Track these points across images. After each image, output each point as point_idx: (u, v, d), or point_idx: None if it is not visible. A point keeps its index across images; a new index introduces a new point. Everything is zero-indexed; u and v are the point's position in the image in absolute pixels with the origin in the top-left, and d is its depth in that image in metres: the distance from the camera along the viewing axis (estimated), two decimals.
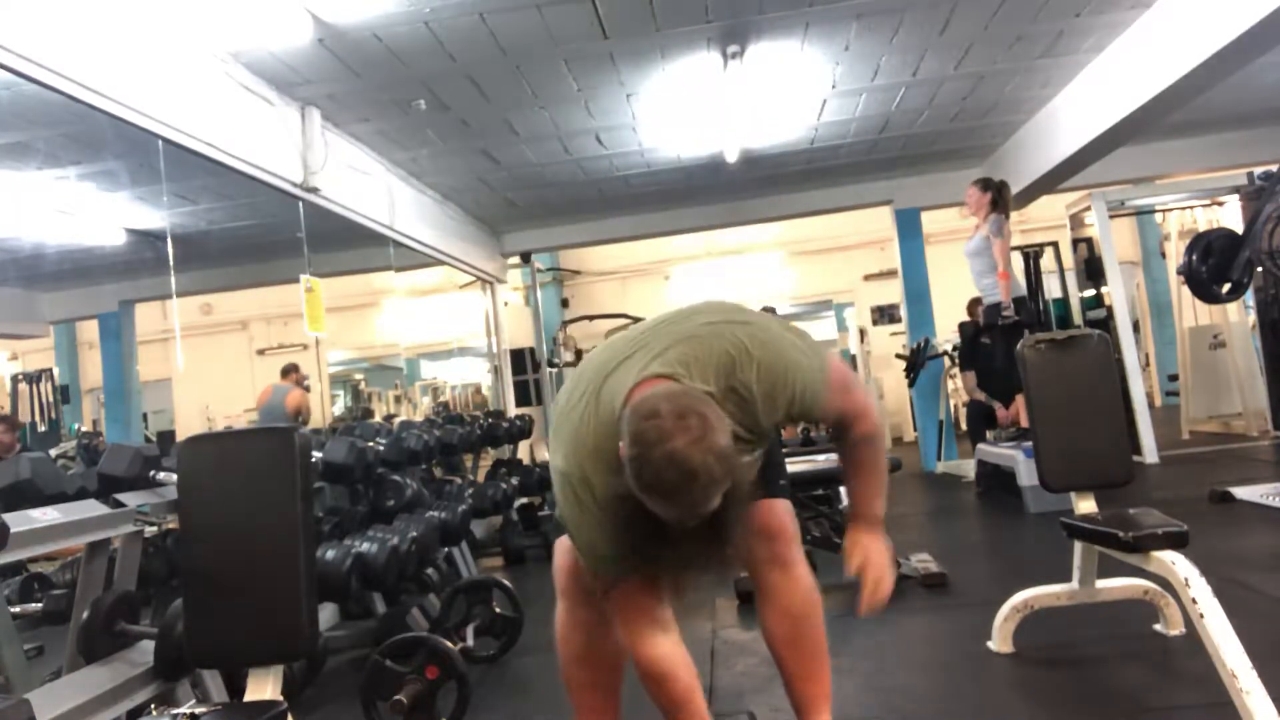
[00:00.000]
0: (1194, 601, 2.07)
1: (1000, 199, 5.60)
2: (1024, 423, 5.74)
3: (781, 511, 1.85)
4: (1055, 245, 8.09)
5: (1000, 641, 2.72)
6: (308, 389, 7.85)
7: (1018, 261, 7.08)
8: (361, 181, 5.69)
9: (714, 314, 1.75)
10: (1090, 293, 7.33)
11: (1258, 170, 5.62)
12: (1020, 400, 5.92)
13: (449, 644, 2.55)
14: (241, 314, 12.39)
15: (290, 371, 7.89)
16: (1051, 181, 7.04)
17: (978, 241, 5.67)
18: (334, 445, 3.69)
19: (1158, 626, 2.73)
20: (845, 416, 1.81)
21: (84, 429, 10.66)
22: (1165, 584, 2.34)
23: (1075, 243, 7.46)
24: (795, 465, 3.98)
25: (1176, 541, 2.20)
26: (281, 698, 1.80)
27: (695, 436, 1.44)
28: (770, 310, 8.16)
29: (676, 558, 1.57)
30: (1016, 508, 5.15)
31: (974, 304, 6.56)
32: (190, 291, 9.32)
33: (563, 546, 1.87)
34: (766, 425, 1.70)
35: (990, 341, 5.99)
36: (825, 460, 4.60)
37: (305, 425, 7.75)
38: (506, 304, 9.53)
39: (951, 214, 10.80)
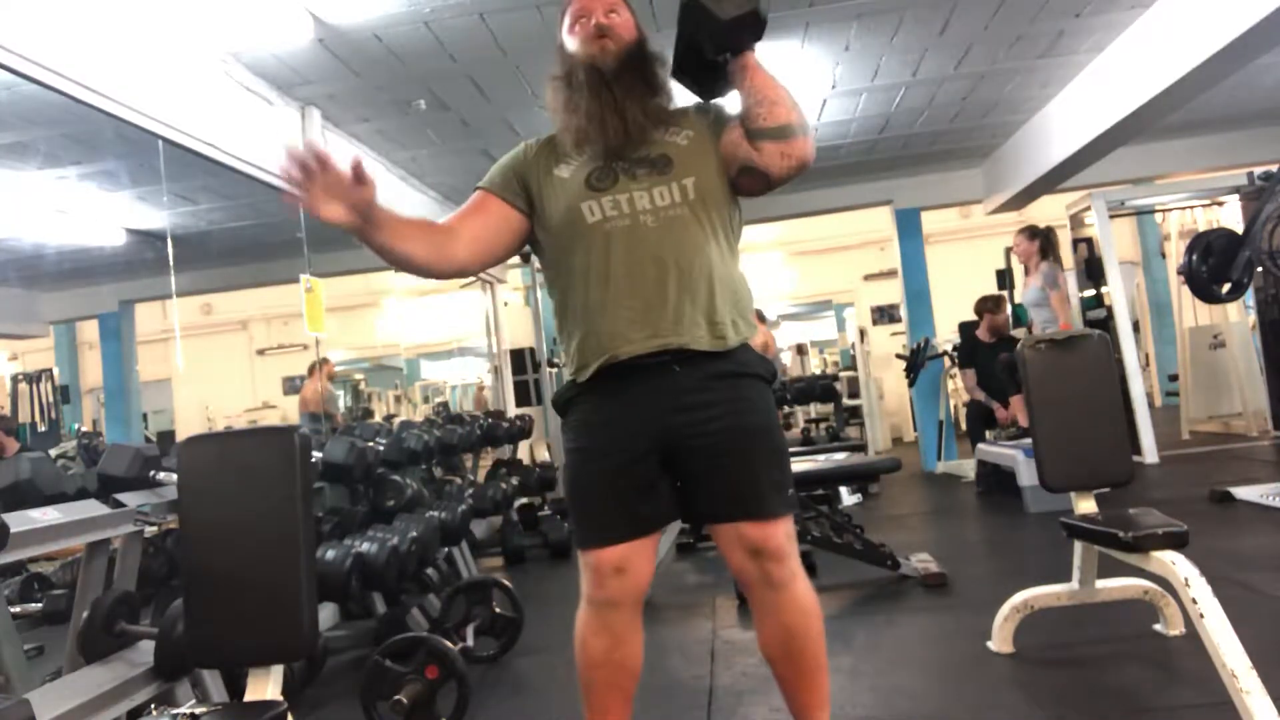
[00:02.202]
0: (1194, 601, 2.07)
1: (1049, 245, 5.55)
2: (1023, 422, 5.74)
3: (778, 532, 1.73)
4: None
5: (1000, 641, 2.72)
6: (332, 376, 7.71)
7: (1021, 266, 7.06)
8: None
9: None
10: (1090, 293, 7.33)
11: (1258, 170, 5.60)
12: (1016, 400, 5.91)
13: (449, 644, 2.55)
14: (241, 314, 12.38)
15: (317, 367, 7.80)
16: (1051, 181, 7.04)
17: (1034, 293, 5.61)
18: (334, 445, 3.70)
19: (1158, 626, 2.73)
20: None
21: (84, 429, 10.64)
22: (1165, 584, 2.34)
23: (1075, 243, 7.45)
24: (795, 465, 3.98)
25: (1176, 541, 2.20)
26: (281, 698, 1.80)
27: None
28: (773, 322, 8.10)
29: None
30: (1016, 508, 5.15)
31: (982, 304, 6.54)
32: (190, 291, 9.32)
33: (589, 558, 1.79)
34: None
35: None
36: (825, 460, 4.61)
37: (335, 408, 7.55)
38: (506, 304, 9.52)
39: (951, 214, 10.82)
